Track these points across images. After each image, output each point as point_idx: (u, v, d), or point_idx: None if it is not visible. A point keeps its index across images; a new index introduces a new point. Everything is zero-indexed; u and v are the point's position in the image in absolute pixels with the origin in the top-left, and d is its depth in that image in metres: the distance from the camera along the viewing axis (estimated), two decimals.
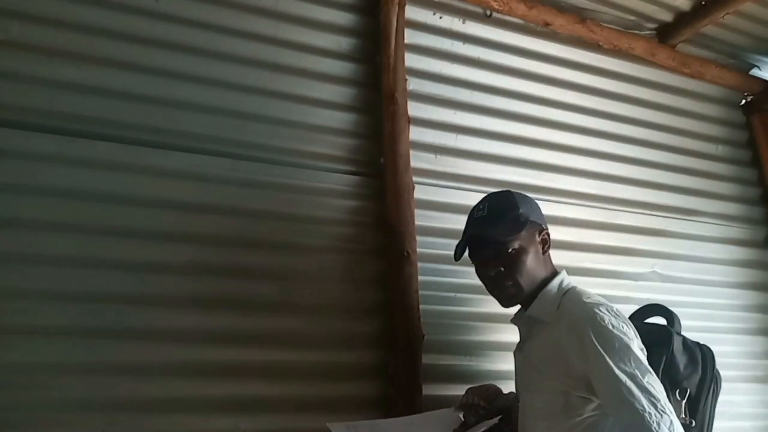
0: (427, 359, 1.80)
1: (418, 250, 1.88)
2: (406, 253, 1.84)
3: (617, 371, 1.24)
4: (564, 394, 1.32)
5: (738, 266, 2.58)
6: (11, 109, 1.55)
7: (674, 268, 2.41)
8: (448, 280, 1.95)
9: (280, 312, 1.70)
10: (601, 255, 2.25)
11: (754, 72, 2.84)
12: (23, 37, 1.59)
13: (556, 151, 2.28)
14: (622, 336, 1.28)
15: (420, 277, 1.85)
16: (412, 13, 2.08)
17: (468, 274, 1.97)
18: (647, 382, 1.24)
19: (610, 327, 1.29)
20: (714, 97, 2.75)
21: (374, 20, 2.03)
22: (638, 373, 1.24)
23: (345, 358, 1.75)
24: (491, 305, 1.96)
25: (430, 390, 1.77)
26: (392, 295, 1.82)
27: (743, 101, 2.82)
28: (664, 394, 1.24)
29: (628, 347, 1.27)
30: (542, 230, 1.50)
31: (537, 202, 1.56)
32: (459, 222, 1.98)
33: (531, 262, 1.44)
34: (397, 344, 1.78)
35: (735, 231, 2.62)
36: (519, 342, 1.55)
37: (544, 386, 1.37)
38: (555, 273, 1.49)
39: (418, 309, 1.82)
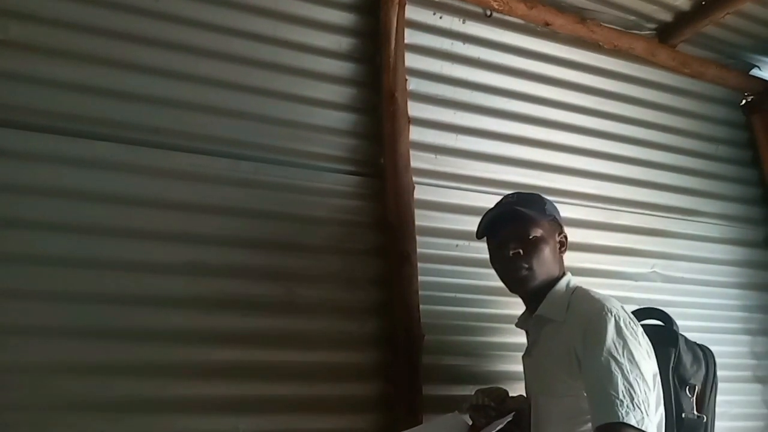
0: (427, 359, 1.80)
1: (418, 250, 1.88)
2: (406, 254, 1.84)
3: (604, 355, 1.22)
4: (576, 397, 1.29)
5: (738, 266, 2.58)
6: (11, 109, 1.55)
7: (674, 268, 2.41)
8: (448, 281, 1.95)
9: (280, 312, 1.70)
10: (601, 255, 2.24)
11: (754, 72, 2.84)
12: (23, 37, 1.59)
13: (556, 151, 2.28)
14: (624, 328, 1.27)
15: (420, 278, 1.85)
16: (412, 13, 2.08)
17: (468, 275, 1.98)
18: (633, 377, 1.20)
19: (615, 320, 1.28)
20: (714, 97, 2.75)
21: (374, 20, 2.03)
22: (627, 365, 1.21)
23: (345, 358, 1.75)
24: (491, 306, 1.98)
25: (430, 390, 1.77)
26: (392, 295, 1.82)
27: (743, 101, 2.82)
28: (649, 398, 1.21)
29: (626, 341, 1.25)
30: (562, 232, 1.55)
31: None
32: (459, 222, 2.00)
33: (548, 254, 1.46)
34: (397, 344, 1.78)
35: (735, 231, 2.62)
36: (527, 346, 1.54)
37: (559, 388, 1.34)
38: (563, 274, 1.50)
39: (418, 309, 1.82)
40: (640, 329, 1.33)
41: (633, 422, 1.15)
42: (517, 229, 1.47)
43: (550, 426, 1.36)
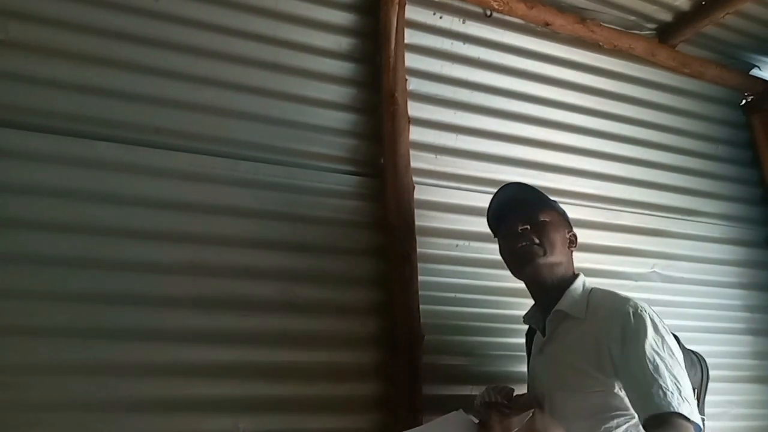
0: (427, 359, 1.80)
1: (418, 250, 1.88)
2: (406, 254, 1.84)
3: (649, 351, 1.25)
4: (604, 393, 1.30)
5: (738, 266, 2.57)
6: (11, 109, 1.55)
7: (674, 268, 2.41)
8: (448, 281, 1.95)
9: (280, 312, 1.70)
10: (601, 255, 2.24)
11: (754, 72, 2.84)
12: (23, 37, 1.59)
13: (556, 151, 2.28)
14: (659, 325, 1.31)
15: (420, 278, 1.85)
16: (412, 13, 2.08)
17: (468, 275, 1.98)
18: (677, 371, 1.24)
19: (650, 318, 1.32)
20: (714, 97, 2.75)
21: (374, 20, 2.03)
22: (669, 360, 1.25)
23: (345, 358, 1.75)
24: (491, 306, 1.98)
25: (430, 390, 1.77)
26: (392, 295, 1.82)
27: (743, 101, 2.82)
28: (691, 389, 1.25)
29: (663, 337, 1.29)
30: (570, 230, 1.56)
31: None
32: (459, 222, 2.00)
33: (558, 240, 1.47)
34: (397, 344, 1.78)
35: (735, 231, 2.62)
36: (539, 344, 1.52)
37: (583, 384, 1.34)
38: (577, 274, 1.51)
39: (418, 309, 1.82)
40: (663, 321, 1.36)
41: (685, 413, 1.18)
42: (526, 212, 1.49)
43: (566, 421, 1.33)
